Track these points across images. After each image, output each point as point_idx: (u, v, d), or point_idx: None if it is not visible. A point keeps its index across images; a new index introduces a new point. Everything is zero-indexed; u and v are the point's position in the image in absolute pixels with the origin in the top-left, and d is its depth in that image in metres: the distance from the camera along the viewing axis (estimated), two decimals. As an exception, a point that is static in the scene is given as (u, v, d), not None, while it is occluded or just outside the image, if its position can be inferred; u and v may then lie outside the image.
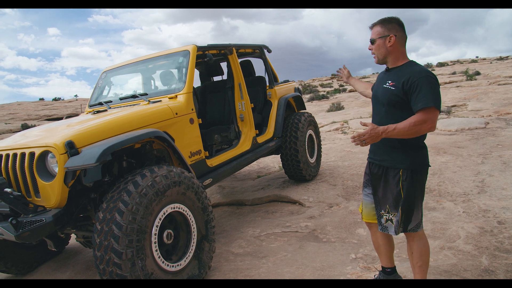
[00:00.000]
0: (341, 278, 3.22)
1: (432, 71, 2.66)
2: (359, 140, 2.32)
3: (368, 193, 2.79)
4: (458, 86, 18.29)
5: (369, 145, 2.76)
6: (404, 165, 2.50)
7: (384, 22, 2.53)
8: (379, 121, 2.56)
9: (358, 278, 3.16)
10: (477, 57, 56.61)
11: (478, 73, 24.68)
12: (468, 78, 21.74)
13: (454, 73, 27.85)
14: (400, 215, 2.52)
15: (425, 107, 2.29)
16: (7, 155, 3.24)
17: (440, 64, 43.52)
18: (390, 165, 2.56)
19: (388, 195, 2.58)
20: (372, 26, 2.59)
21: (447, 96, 14.47)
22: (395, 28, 2.51)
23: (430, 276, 3.01)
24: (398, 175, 2.52)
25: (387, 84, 2.52)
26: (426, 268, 2.62)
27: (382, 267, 2.92)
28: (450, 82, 21.22)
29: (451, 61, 49.58)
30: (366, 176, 2.82)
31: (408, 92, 2.39)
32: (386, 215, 2.60)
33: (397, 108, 2.47)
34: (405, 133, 2.33)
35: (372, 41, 2.57)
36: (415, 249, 2.60)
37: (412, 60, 2.55)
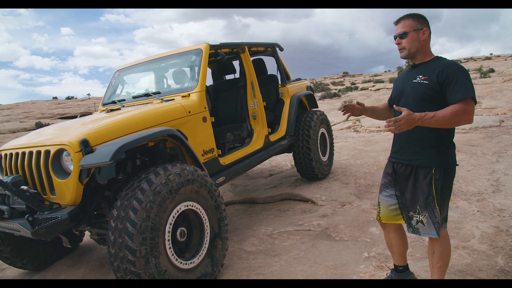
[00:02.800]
0: (354, 276, 3.21)
1: None
2: (394, 125, 2.21)
3: (391, 194, 2.70)
4: (472, 84, 18.08)
5: (392, 145, 2.72)
6: (436, 163, 2.45)
7: (414, 16, 2.50)
8: None
9: (371, 278, 3.14)
10: (491, 54, 55.79)
11: (492, 70, 24.37)
12: (482, 75, 21.48)
13: (467, 70, 27.53)
14: (438, 216, 2.45)
15: (464, 98, 2.26)
16: (23, 153, 3.29)
17: (454, 62, 42.90)
18: (420, 164, 2.49)
19: (419, 196, 2.50)
20: (400, 20, 2.53)
21: (460, 94, 14.32)
22: (426, 22, 2.50)
23: (444, 276, 2.99)
24: (430, 173, 2.45)
25: (418, 78, 2.48)
26: (445, 269, 2.59)
27: (394, 265, 2.89)
28: (463, 80, 20.96)
29: (464, 58, 48.93)
30: (388, 177, 2.73)
31: (443, 84, 2.37)
32: (417, 217, 2.52)
33: (430, 103, 2.41)
34: (444, 122, 2.26)
35: (404, 34, 2.49)
36: (437, 249, 2.55)
37: (439, 56, 2.53)
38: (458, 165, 2.55)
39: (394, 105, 2.37)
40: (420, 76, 2.47)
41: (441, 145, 2.47)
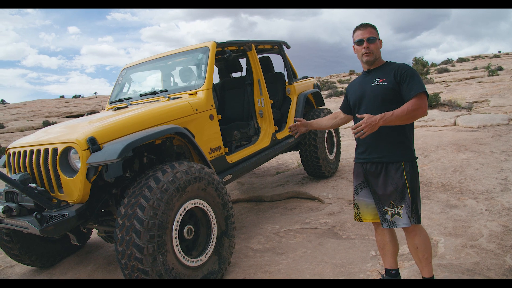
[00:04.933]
0: (361, 275, 3.20)
1: (452, 67, 2.70)
2: (358, 131, 2.40)
3: (368, 194, 2.78)
4: (479, 82, 17.97)
5: (357, 146, 2.84)
6: (405, 157, 2.60)
7: (373, 26, 2.70)
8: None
9: (378, 276, 3.13)
10: (499, 52, 55.27)
11: (500, 68, 24.16)
12: (490, 73, 21.31)
13: (475, 68, 27.33)
14: (411, 205, 2.55)
15: (418, 93, 2.45)
16: (31, 151, 3.31)
17: (461, 60, 42.59)
18: (390, 160, 2.62)
19: (391, 190, 2.60)
20: (366, 27, 2.68)
21: (468, 92, 14.24)
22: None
23: (452, 275, 2.97)
24: (400, 167, 2.58)
25: (376, 81, 2.66)
26: (431, 260, 2.65)
27: (386, 269, 2.89)
28: (471, 78, 20.83)
29: (472, 57, 48.49)
30: (360, 177, 2.81)
31: (400, 82, 2.55)
32: (391, 210, 2.61)
33: (390, 103, 2.55)
34: (403, 118, 2.43)
35: (373, 39, 2.64)
36: (419, 242, 2.61)
37: (388, 61, 2.76)
38: (417, 158, 2.71)
39: (357, 114, 2.57)
40: (378, 79, 2.65)
41: (407, 141, 2.63)
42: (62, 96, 54.45)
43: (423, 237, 2.62)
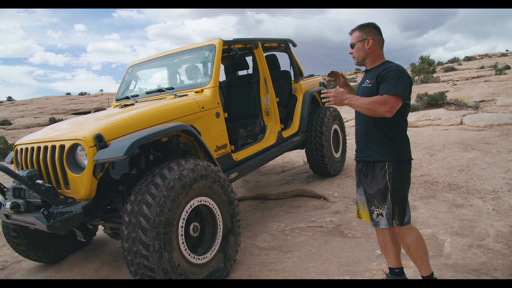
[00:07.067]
0: (367, 273, 3.20)
1: (459, 65, 2.69)
2: (325, 96, 2.55)
3: (363, 192, 2.82)
4: (486, 81, 17.86)
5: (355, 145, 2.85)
6: (390, 157, 2.60)
7: (361, 27, 2.72)
8: (362, 118, 2.70)
9: (384, 275, 3.12)
10: (507, 50, 54.88)
11: (508, 67, 24.02)
12: (498, 72, 21.17)
13: (482, 67, 27.17)
14: (392, 207, 2.56)
15: (390, 94, 2.45)
16: (38, 148, 3.32)
17: (468, 58, 42.32)
18: (376, 159, 2.64)
19: (375, 190, 2.63)
20: (351, 32, 2.76)
21: (474, 91, 14.16)
22: (372, 32, 2.70)
23: (458, 275, 2.96)
24: (384, 168, 2.60)
25: (365, 83, 2.70)
26: (426, 258, 2.64)
27: (389, 268, 2.89)
28: (478, 77, 20.72)
29: (479, 55, 48.18)
30: (357, 176, 2.85)
31: (379, 83, 2.57)
32: (377, 210, 2.64)
33: None
34: (364, 107, 2.49)
35: (352, 45, 2.73)
36: (411, 242, 2.61)
37: (388, 60, 2.72)
38: (413, 159, 2.71)
39: (337, 87, 2.70)
40: (367, 81, 2.70)
41: (393, 141, 2.62)
42: (68, 93, 54.68)
43: (413, 237, 2.61)
